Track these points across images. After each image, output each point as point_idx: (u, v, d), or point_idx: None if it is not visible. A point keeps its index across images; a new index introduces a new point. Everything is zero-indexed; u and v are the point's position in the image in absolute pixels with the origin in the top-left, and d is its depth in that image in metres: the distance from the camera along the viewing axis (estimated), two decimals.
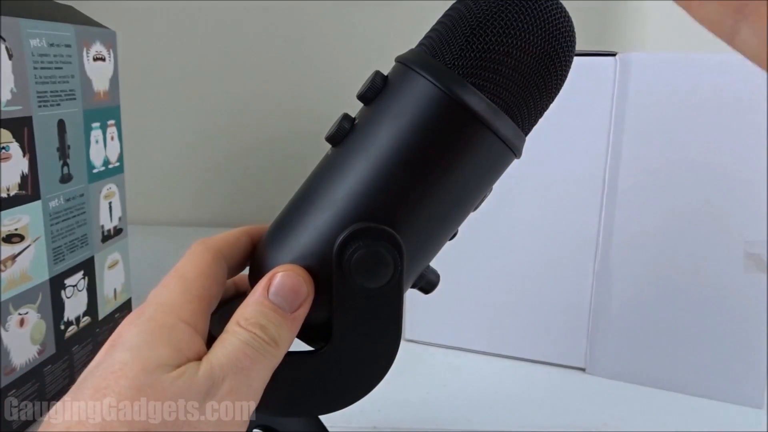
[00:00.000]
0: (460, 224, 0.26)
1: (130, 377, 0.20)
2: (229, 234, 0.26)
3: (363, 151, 0.24)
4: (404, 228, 0.23)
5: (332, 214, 0.24)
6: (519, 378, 0.48)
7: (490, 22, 0.23)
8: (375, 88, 0.24)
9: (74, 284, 0.43)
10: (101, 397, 0.20)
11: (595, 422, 0.42)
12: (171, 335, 0.21)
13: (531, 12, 0.23)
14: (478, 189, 0.25)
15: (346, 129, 0.24)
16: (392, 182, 0.23)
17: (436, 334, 0.52)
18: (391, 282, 0.23)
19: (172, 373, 0.20)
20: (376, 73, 0.24)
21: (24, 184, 0.37)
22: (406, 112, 0.23)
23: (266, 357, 0.22)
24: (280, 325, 0.23)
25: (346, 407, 0.25)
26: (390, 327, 0.24)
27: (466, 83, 0.23)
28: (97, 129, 0.45)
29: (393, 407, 0.43)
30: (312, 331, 0.25)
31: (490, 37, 0.23)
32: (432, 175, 0.23)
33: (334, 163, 0.25)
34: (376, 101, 0.24)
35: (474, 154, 0.23)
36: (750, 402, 0.44)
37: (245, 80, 0.84)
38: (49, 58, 0.39)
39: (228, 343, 0.22)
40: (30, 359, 0.39)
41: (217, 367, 0.21)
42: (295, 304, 0.23)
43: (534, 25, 0.23)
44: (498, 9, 0.23)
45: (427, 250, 0.25)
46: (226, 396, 0.21)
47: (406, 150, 0.23)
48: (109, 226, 0.48)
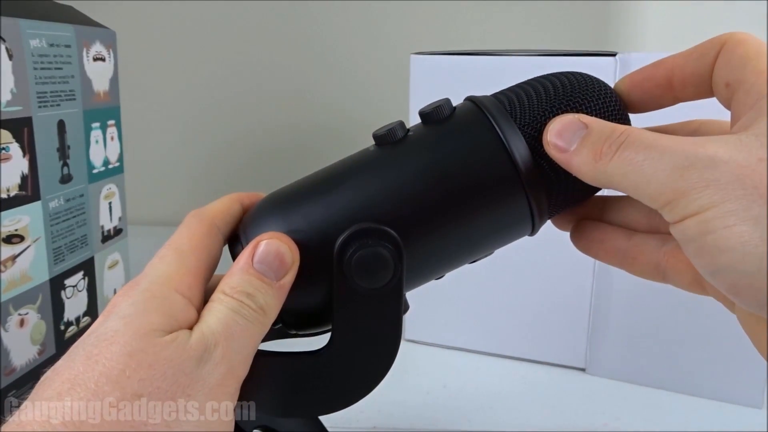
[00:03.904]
0: (453, 267, 0.27)
1: (122, 343, 0.20)
2: (221, 202, 0.26)
3: (409, 162, 0.25)
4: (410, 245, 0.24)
5: (355, 204, 0.24)
6: (519, 378, 0.48)
7: (565, 104, 0.25)
8: (441, 113, 0.26)
9: (74, 284, 0.43)
10: (93, 364, 0.20)
11: (595, 422, 0.42)
12: (165, 304, 0.22)
13: (599, 106, 0.25)
14: (488, 242, 0.26)
15: (399, 136, 0.25)
16: (422, 200, 0.24)
17: (436, 334, 0.52)
18: (391, 283, 0.24)
19: (165, 337, 0.20)
20: (446, 100, 0.26)
21: (24, 184, 0.37)
22: (465, 146, 0.25)
23: (255, 325, 0.22)
24: (267, 293, 0.23)
25: (346, 408, 0.25)
26: (390, 327, 0.25)
27: (528, 149, 0.24)
28: (97, 129, 0.45)
29: (393, 407, 0.43)
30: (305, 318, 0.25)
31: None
32: (459, 209, 0.24)
33: (375, 162, 0.25)
34: (439, 125, 0.25)
35: (501, 209, 0.25)
36: (750, 402, 0.44)
37: (247, 80, 0.84)
38: (49, 59, 0.39)
39: (217, 311, 0.22)
40: (30, 360, 0.39)
41: (209, 334, 0.21)
42: (281, 272, 0.23)
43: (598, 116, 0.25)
44: (576, 97, 0.25)
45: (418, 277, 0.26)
46: (219, 362, 0.21)
47: (449, 178, 0.24)
48: (109, 227, 0.48)
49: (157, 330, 0.21)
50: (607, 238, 0.28)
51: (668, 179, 0.20)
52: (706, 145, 0.20)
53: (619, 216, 0.29)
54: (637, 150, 0.21)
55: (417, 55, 0.48)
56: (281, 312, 0.25)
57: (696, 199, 0.20)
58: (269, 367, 0.24)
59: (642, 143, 0.21)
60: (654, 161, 0.21)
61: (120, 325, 0.21)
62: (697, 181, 0.20)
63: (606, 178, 0.22)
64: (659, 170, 0.21)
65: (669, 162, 0.20)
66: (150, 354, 0.20)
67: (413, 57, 0.48)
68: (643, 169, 0.21)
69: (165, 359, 0.20)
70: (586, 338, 0.48)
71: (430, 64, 0.47)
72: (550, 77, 0.26)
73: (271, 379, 0.24)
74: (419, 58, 0.48)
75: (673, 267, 0.27)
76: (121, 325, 0.21)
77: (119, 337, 0.20)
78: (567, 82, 0.25)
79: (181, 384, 0.20)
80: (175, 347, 0.20)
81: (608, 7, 0.77)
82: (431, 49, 0.49)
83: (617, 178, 0.22)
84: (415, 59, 0.48)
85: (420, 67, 0.48)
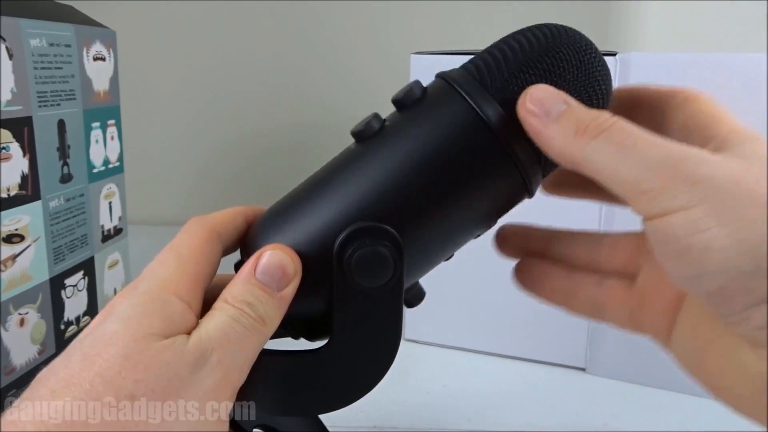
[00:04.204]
0: (459, 246, 0.26)
1: (120, 345, 0.20)
2: (225, 213, 0.26)
3: (388, 153, 0.24)
4: (408, 234, 0.24)
5: (343, 207, 0.24)
6: (519, 378, 0.48)
7: (537, 63, 0.24)
8: (413, 96, 0.25)
9: (74, 284, 0.43)
10: (90, 364, 0.20)
11: (595, 422, 0.42)
12: (164, 308, 0.22)
13: (575, 63, 0.24)
14: (487, 214, 0.26)
15: (375, 128, 0.25)
16: (410, 188, 0.24)
17: (436, 334, 0.52)
18: (391, 282, 0.24)
19: (162, 341, 0.20)
20: (416, 82, 0.25)
21: (24, 184, 0.37)
22: (440, 125, 0.24)
23: (253, 334, 0.22)
24: (268, 303, 0.23)
25: (346, 407, 0.25)
26: (390, 327, 0.25)
27: (503, 113, 0.24)
28: (97, 129, 0.45)
29: (393, 407, 0.43)
30: (310, 326, 0.25)
31: (534, 78, 0.24)
32: (448, 189, 0.24)
33: (355, 159, 0.25)
34: (412, 109, 0.25)
35: (493, 180, 0.24)
36: None
37: (247, 80, 0.84)
38: (49, 58, 0.39)
39: (216, 318, 0.22)
40: (30, 359, 0.39)
41: (206, 339, 0.21)
42: (282, 282, 0.23)
43: (576, 75, 0.24)
44: (546, 53, 0.24)
45: (424, 263, 0.26)
46: (215, 368, 0.21)
47: (431, 161, 0.24)
48: (109, 226, 0.48)
49: (155, 333, 0.21)
50: (548, 276, 0.29)
51: (657, 166, 0.19)
52: (696, 149, 0.20)
53: (560, 249, 0.29)
54: (627, 134, 0.21)
55: (417, 55, 0.48)
56: (290, 321, 0.25)
57: (685, 191, 0.19)
58: (269, 366, 0.24)
59: (633, 131, 0.21)
60: (643, 146, 0.20)
61: (119, 326, 0.21)
62: (689, 174, 0.19)
63: (580, 156, 0.21)
64: (649, 157, 0.20)
65: (661, 151, 0.20)
66: (146, 357, 0.20)
67: (413, 57, 0.48)
68: (630, 152, 0.20)
69: (161, 362, 0.20)
70: (586, 338, 0.48)
71: (430, 64, 0.47)
72: (518, 34, 0.25)
73: (272, 377, 0.24)
74: (419, 58, 0.48)
75: (611, 304, 0.28)
76: (119, 326, 0.21)
77: (117, 339, 0.20)
78: (534, 36, 0.24)
79: (176, 387, 0.20)
80: (171, 351, 0.20)
81: (608, 7, 0.77)
82: (431, 49, 0.49)
83: (595, 156, 0.21)
84: (415, 59, 0.48)
85: (420, 67, 0.48)
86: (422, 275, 0.27)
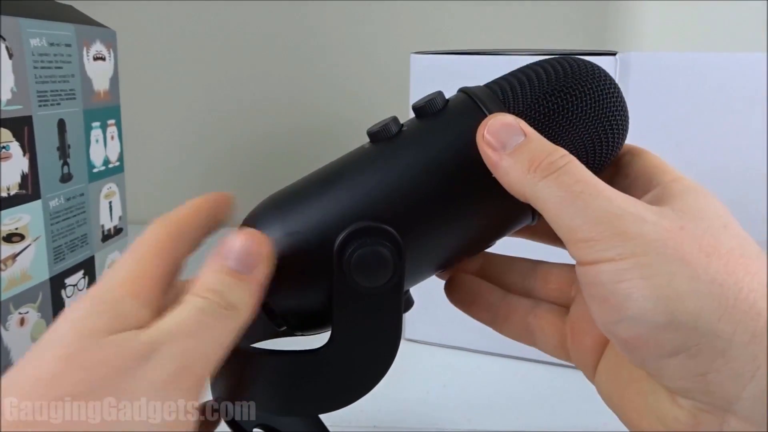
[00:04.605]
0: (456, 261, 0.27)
1: (63, 345, 0.20)
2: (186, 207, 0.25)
3: (405, 156, 0.24)
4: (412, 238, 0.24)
5: (351, 203, 0.24)
6: (519, 378, 0.48)
7: (563, 94, 0.24)
8: (434, 106, 0.25)
9: (74, 283, 0.43)
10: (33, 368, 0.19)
11: (595, 422, 0.42)
12: (115, 307, 0.21)
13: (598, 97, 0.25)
14: (489, 231, 0.26)
15: (393, 131, 0.25)
16: (420, 193, 0.24)
17: (436, 334, 0.52)
18: (391, 282, 0.24)
19: (108, 338, 0.20)
20: (439, 93, 0.26)
21: (24, 183, 0.37)
22: (459, 136, 0.24)
23: (221, 320, 0.21)
24: (238, 287, 0.22)
25: (346, 407, 0.25)
26: (390, 327, 0.25)
27: None
28: (98, 128, 0.45)
29: (393, 407, 0.43)
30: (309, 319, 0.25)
31: (558, 107, 0.24)
32: (459, 199, 0.24)
33: (369, 158, 0.25)
34: (432, 117, 0.25)
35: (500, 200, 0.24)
36: None
37: (246, 80, 0.84)
38: (49, 58, 0.39)
39: (178, 311, 0.21)
40: None
41: (160, 332, 0.20)
42: (250, 263, 0.22)
43: (595, 109, 0.24)
44: (572, 85, 0.25)
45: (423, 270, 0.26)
46: (167, 361, 0.20)
47: (446, 169, 0.24)
48: (109, 226, 0.48)
49: (101, 330, 0.20)
50: (481, 294, 0.29)
51: (596, 219, 0.21)
52: (637, 204, 0.21)
53: (496, 273, 0.30)
54: (575, 180, 0.22)
55: (417, 55, 0.48)
56: (285, 314, 0.25)
57: (617, 246, 0.20)
58: (269, 366, 0.24)
59: (582, 177, 0.22)
60: (588, 198, 0.21)
61: (66, 328, 0.20)
62: (624, 231, 0.21)
63: (531, 193, 0.22)
64: (590, 208, 0.21)
65: (602, 205, 0.21)
66: (89, 354, 0.19)
67: (413, 57, 0.48)
68: (573, 200, 0.21)
69: (102, 359, 0.19)
70: None
71: (429, 63, 0.47)
72: (546, 63, 0.26)
73: (271, 377, 0.24)
74: (419, 57, 0.48)
75: (541, 330, 0.28)
76: (66, 328, 0.20)
77: (63, 340, 0.20)
78: (562, 67, 0.25)
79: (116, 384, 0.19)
80: (116, 346, 0.20)
81: (608, 7, 0.77)
82: (431, 48, 0.49)
83: (544, 196, 0.22)
84: (415, 59, 0.48)
85: (420, 66, 0.48)
86: (418, 282, 0.27)
